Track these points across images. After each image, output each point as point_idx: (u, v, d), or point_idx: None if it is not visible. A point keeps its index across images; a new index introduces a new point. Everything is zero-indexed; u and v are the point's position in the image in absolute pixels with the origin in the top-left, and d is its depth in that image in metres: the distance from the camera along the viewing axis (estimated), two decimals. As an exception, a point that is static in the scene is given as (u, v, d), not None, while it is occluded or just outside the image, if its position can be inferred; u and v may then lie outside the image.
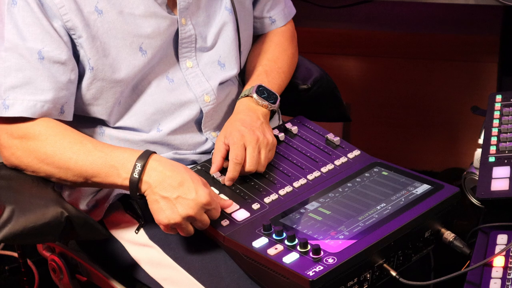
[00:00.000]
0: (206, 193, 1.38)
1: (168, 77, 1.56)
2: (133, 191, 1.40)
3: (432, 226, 1.46)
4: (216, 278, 1.41)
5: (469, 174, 1.66)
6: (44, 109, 1.43)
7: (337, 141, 1.63)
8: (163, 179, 1.38)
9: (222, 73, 1.62)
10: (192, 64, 1.59)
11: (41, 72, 1.43)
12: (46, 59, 1.43)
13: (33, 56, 1.42)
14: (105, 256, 1.59)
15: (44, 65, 1.43)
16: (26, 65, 1.42)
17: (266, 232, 1.39)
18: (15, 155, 1.44)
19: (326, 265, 1.30)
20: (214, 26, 1.61)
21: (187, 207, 1.37)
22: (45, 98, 1.43)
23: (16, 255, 2.21)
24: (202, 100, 1.58)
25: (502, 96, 1.72)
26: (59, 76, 1.44)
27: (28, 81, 1.42)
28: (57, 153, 1.42)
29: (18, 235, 1.37)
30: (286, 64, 1.74)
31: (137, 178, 1.39)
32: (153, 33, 1.51)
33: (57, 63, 1.44)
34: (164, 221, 1.38)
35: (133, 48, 1.49)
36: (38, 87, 1.43)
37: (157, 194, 1.38)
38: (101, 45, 1.46)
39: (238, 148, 1.50)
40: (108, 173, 1.41)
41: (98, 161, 1.41)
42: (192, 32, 1.57)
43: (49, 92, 1.43)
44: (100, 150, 1.42)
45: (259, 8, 1.74)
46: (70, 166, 1.42)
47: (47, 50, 1.42)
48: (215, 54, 1.62)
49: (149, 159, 1.40)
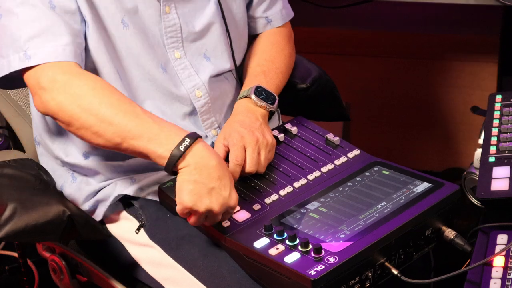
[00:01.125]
0: (237, 197, 1.39)
1: (162, 66, 1.56)
2: (170, 164, 1.36)
3: (433, 224, 1.46)
4: (218, 278, 1.41)
5: (469, 174, 1.66)
6: (66, 52, 1.43)
7: (337, 141, 1.63)
8: (205, 165, 1.36)
9: (209, 65, 1.61)
10: (180, 55, 1.58)
11: (56, 19, 1.43)
12: (57, 7, 1.44)
13: (45, 5, 1.43)
14: (105, 256, 1.59)
15: (57, 14, 1.44)
16: (40, 14, 1.43)
17: (267, 232, 1.39)
18: (56, 100, 1.40)
19: (327, 264, 1.30)
20: (203, 17, 1.61)
21: (216, 202, 1.36)
22: (64, 42, 1.43)
23: (16, 255, 2.21)
24: (193, 95, 1.58)
25: (502, 96, 1.72)
26: (72, 24, 1.45)
27: (45, 28, 1.43)
28: (102, 106, 1.38)
29: (20, 233, 1.37)
30: (284, 64, 1.74)
31: (182, 152, 1.35)
32: (133, 9, 1.51)
33: (68, 12, 1.45)
34: (189, 204, 1.35)
35: (116, 18, 1.50)
36: (55, 33, 1.43)
37: (194, 176, 1.35)
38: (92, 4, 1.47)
39: (238, 149, 1.50)
40: (151, 138, 1.37)
41: (146, 124, 1.37)
42: (176, 21, 1.56)
43: (67, 36, 1.43)
44: (150, 116, 1.39)
45: (254, 8, 1.74)
46: (114, 121, 1.37)
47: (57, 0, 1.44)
48: (202, 47, 1.61)
49: (198, 140, 1.37)
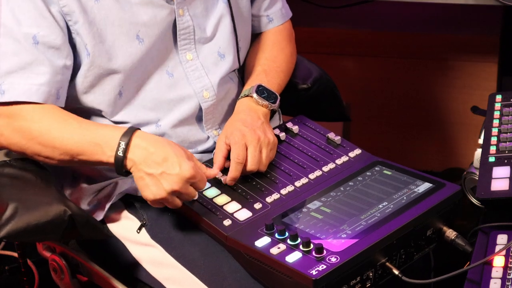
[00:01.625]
0: (190, 166, 1.39)
1: (168, 72, 1.56)
2: (118, 168, 1.41)
3: (434, 224, 1.46)
4: (219, 277, 1.41)
5: (469, 174, 1.66)
6: (39, 92, 1.44)
7: (338, 140, 1.63)
8: (147, 156, 1.39)
9: (222, 64, 1.62)
10: (192, 57, 1.59)
11: (36, 56, 1.44)
12: (41, 43, 1.44)
13: (28, 40, 1.43)
14: (106, 256, 1.59)
15: (39, 50, 1.44)
16: (22, 50, 1.43)
17: (268, 231, 1.39)
18: (4, 135, 1.45)
19: (329, 264, 1.30)
20: (213, 17, 1.62)
21: (172, 182, 1.38)
22: (40, 82, 1.44)
23: (16, 255, 2.20)
24: (201, 96, 1.59)
25: (502, 96, 1.72)
26: (54, 60, 1.45)
27: (23, 65, 1.43)
28: (42, 132, 1.43)
29: (21, 232, 1.37)
30: (285, 63, 1.75)
31: (122, 156, 1.40)
32: (150, 21, 1.51)
33: (52, 48, 1.45)
34: (150, 196, 1.40)
35: (130, 35, 1.50)
36: (33, 71, 1.43)
37: (142, 171, 1.39)
38: (98, 31, 1.47)
39: (240, 147, 1.50)
40: (93, 151, 1.42)
41: (83, 139, 1.42)
42: (190, 23, 1.57)
43: (44, 76, 1.44)
44: (85, 128, 1.43)
45: (257, 6, 1.75)
46: (56, 144, 1.43)
47: (42, 35, 1.43)
48: (215, 45, 1.62)
49: (132, 136, 1.40)
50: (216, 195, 1.49)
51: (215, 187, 1.50)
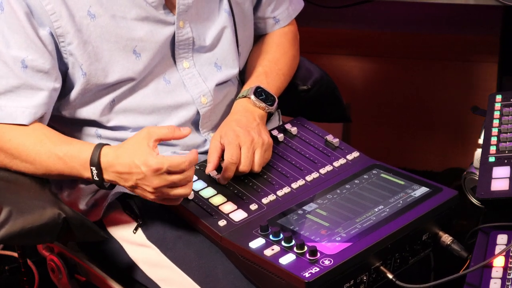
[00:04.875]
0: (151, 161, 1.36)
1: (165, 78, 1.56)
2: (102, 188, 1.44)
3: (430, 229, 1.46)
4: (213, 278, 1.41)
5: (469, 174, 1.66)
6: (24, 115, 1.45)
7: (336, 143, 1.63)
8: (118, 174, 1.40)
9: (218, 74, 1.62)
10: (189, 65, 1.59)
11: (24, 80, 1.44)
12: (29, 67, 1.44)
13: (17, 64, 1.44)
14: (103, 256, 1.60)
15: (27, 74, 1.44)
16: (9, 73, 1.44)
17: (263, 232, 1.39)
18: None
19: (322, 267, 1.30)
20: (213, 28, 1.61)
21: (149, 183, 1.37)
22: (26, 105, 1.45)
23: (16, 255, 2.21)
24: (199, 102, 1.59)
25: (502, 96, 1.72)
26: (42, 84, 1.45)
27: (11, 89, 1.44)
28: (22, 154, 1.45)
29: (16, 236, 1.38)
30: (286, 66, 1.74)
31: (99, 180, 1.42)
32: (146, 36, 1.51)
33: (40, 72, 1.45)
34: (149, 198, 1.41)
35: (127, 51, 1.50)
36: (20, 95, 1.45)
37: (124, 186, 1.41)
38: (93, 49, 1.47)
39: (233, 148, 1.50)
40: (71, 173, 1.45)
41: (58, 163, 1.44)
42: (189, 35, 1.57)
43: (32, 100, 1.45)
44: (59, 150, 1.44)
45: (263, 8, 1.74)
46: (37, 166, 1.45)
47: (30, 59, 1.44)
48: (212, 56, 1.62)
49: (100, 159, 1.41)
50: (212, 195, 1.49)
51: (211, 187, 1.50)
